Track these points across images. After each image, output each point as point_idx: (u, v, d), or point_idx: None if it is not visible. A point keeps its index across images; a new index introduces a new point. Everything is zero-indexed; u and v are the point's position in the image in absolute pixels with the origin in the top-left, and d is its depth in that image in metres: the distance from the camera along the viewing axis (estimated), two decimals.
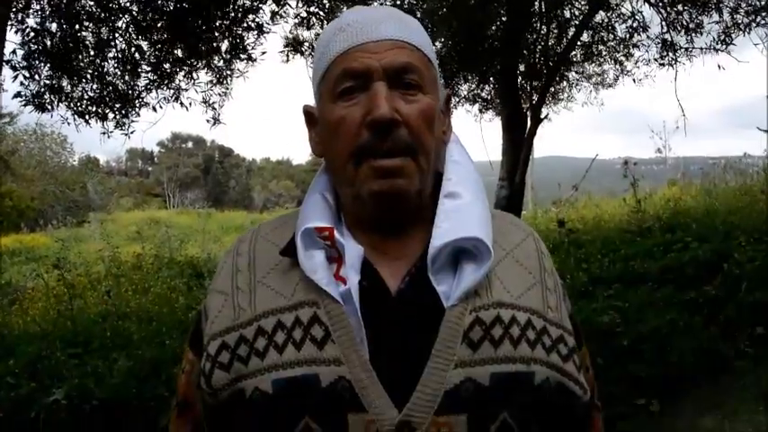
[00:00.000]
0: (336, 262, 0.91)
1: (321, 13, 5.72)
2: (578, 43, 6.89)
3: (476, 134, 8.35)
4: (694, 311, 5.24)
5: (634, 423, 3.96)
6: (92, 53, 5.03)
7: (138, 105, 5.30)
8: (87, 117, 5.05)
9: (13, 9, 4.65)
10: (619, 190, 12.17)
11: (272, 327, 0.89)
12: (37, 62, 4.69)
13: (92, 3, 4.99)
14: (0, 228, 18.19)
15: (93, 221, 23.41)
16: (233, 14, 5.22)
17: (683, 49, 6.49)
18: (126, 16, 5.12)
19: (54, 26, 4.82)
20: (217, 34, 5.36)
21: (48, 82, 4.78)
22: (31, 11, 4.76)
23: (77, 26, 4.95)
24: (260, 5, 5.19)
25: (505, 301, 0.90)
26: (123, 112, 5.22)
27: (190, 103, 5.50)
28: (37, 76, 4.72)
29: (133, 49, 5.09)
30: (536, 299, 0.94)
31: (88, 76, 5.05)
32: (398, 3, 6.50)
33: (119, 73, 5.18)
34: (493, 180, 7.17)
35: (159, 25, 5.12)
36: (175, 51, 5.28)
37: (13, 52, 4.69)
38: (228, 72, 5.49)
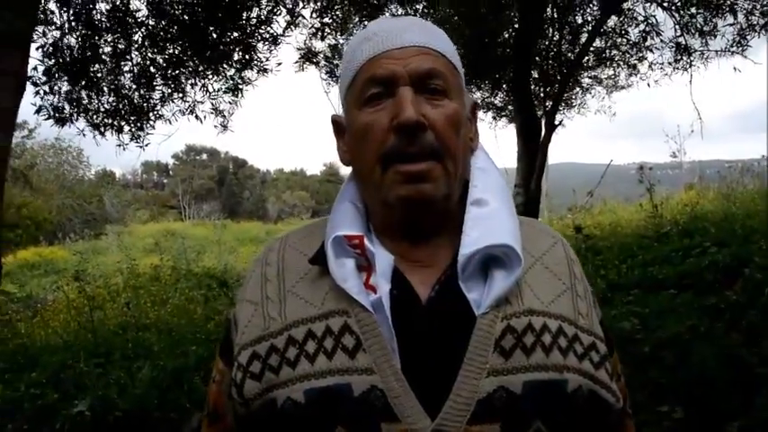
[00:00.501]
0: (366, 270, 0.92)
1: (334, 23, 5.76)
2: (591, 48, 6.88)
3: (490, 141, 8.36)
4: (715, 317, 5.17)
5: (658, 431, 3.91)
6: (108, 66, 5.10)
7: (152, 118, 5.36)
8: (103, 129, 5.11)
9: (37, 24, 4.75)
10: (634, 195, 12.11)
11: (303, 336, 0.89)
12: (56, 76, 4.76)
13: (108, 16, 5.06)
14: (19, 241, 18.39)
15: (110, 234, 23.64)
16: (247, 25, 5.27)
17: (698, 53, 6.46)
18: (142, 30, 5.18)
19: (72, 40, 4.89)
20: (231, 45, 5.41)
21: (66, 96, 4.85)
22: (51, 26, 4.84)
23: (95, 38, 5.02)
24: (274, 17, 5.24)
25: (536, 309, 0.90)
26: (138, 124, 5.28)
27: (204, 116, 5.55)
28: (56, 90, 4.79)
29: (148, 62, 5.15)
30: (567, 306, 0.94)
31: (104, 88, 5.12)
32: (410, 12, 6.53)
33: (134, 86, 5.24)
34: (508, 187, 7.15)
35: (174, 37, 5.18)
36: (189, 63, 5.34)
37: (35, 68, 4.79)
38: (240, 81, 5.53)
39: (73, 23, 4.93)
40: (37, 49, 4.68)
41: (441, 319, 0.89)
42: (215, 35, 5.30)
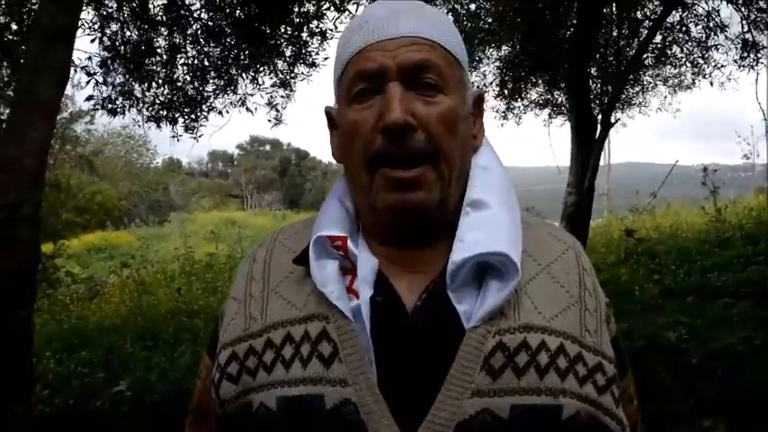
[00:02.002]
0: (350, 274, 0.86)
1: None
2: (652, 45, 6.62)
3: (543, 139, 8.18)
4: None
5: None
6: (163, 59, 5.24)
7: (205, 110, 5.47)
8: (158, 121, 5.26)
9: (95, 16, 4.94)
10: (701, 197, 11.63)
11: (281, 340, 0.85)
12: (111, 68, 4.93)
13: (165, 10, 5.20)
14: (87, 224, 19.21)
15: (173, 221, 24.38)
16: (297, 20, 5.31)
17: (766, 49, 6.12)
18: (196, 24, 5.30)
19: (128, 33, 5.06)
20: (282, 40, 5.47)
21: (120, 87, 5.01)
22: (109, 20, 5.01)
23: (151, 32, 5.17)
24: (324, 12, 5.26)
25: (535, 324, 0.82)
26: (192, 116, 5.41)
27: (255, 108, 5.64)
28: (110, 81, 4.96)
29: (202, 55, 5.26)
30: (572, 321, 0.84)
31: (159, 81, 5.26)
32: (459, 7, 6.46)
33: (188, 78, 5.37)
34: (561, 187, 7.00)
35: (227, 31, 5.28)
36: (241, 57, 5.43)
37: (89, 58, 4.97)
38: (291, 76, 5.58)
39: (130, 17, 5.08)
40: (92, 41, 4.86)
41: (425, 330, 0.82)
42: (267, 30, 5.37)
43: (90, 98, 4.93)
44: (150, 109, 5.29)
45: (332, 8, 5.20)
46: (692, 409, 3.97)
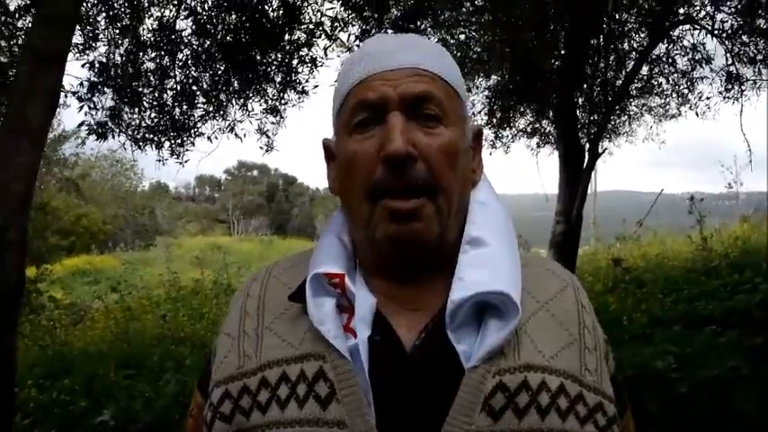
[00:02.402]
0: (348, 312, 0.84)
1: None
2: (638, 76, 6.72)
3: (531, 168, 8.23)
4: (762, 358, 4.93)
5: None
6: (152, 82, 5.24)
7: (193, 135, 5.46)
8: (143, 144, 5.24)
9: (82, 40, 4.94)
10: (686, 226, 11.72)
11: (277, 379, 0.83)
12: (101, 92, 4.92)
13: (154, 33, 5.22)
14: (72, 248, 19.01)
15: (159, 245, 24.20)
16: (288, 48, 5.34)
17: (750, 81, 6.24)
18: (186, 49, 5.32)
19: (117, 57, 5.06)
20: (272, 67, 5.49)
21: (109, 112, 5.00)
22: (97, 42, 5.01)
23: (140, 55, 5.17)
24: (314, 40, 5.29)
25: (535, 364, 0.81)
26: (179, 141, 5.40)
27: (244, 135, 5.64)
28: (100, 106, 4.96)
29: (191, 80, 5.27)
30: (572, 360, 0.83)
31: (146, 105, 5.26)
32: (447, 37, 6.52)
33: (175, 103, 5.37)
34: (549, 215, 7.03)
35: (217, 57, 5.29)
36: (231, 82, 5.45)
37: (81, 84, 4.96)
38: (282, 103, 5.60)
39: (119, 40, 5.08)
40: (83, 65, 4.86)
41: (425, 370, 0.81)
42: (257, 56, 5.40)
43: (81, 125, 4.91)
44: (137, 132, 5.27)
45: (323, 36, 5.24)
46: None
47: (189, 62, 5.23)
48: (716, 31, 5.99)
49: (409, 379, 0.80)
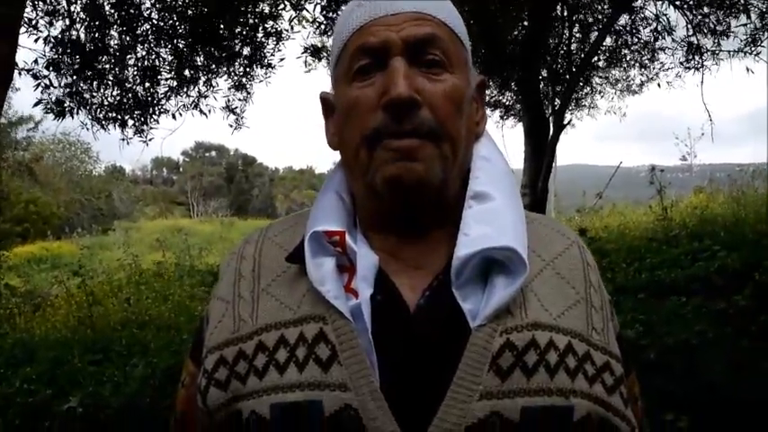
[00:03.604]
0: (348, 271, 0.81)
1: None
2: (602, 48, 6.78)
3: (497, 141, 8.26)
4: (724, 323, 5.07)
5: None
6: (113, 59, 5.04)
7: (157, 112, 5.29)
8: (106, 123, 5.05)
9: (40, 15, 4.70)
10: (643, 198, 12.00)
11: (274, 342, 0.79)
12: (59, 69, 4.70)
13: (115, 7, 5.01)
14: (27, 235, 18.47)
15: (117, 229, 23.71)
16: (252, 21, 5.19)
17: (710, 53, 6.34)
18: (147, 24, 5.12)
19: (76, 33, 4.84)
20: (237, 41, 5.34)
21: (69, 89, 4.79)
22: (57, 17, 4.78)
23: (102, 31, 4.96)
24: (279, 12, 5.16)
25: (543, 322, 0.78)
26: (142, 119, 5.22)
27: (210, 111, 5.49)
28: (57, 83, 4.74)
29: (153, 55, 5.09)
30: (579, 319, 0.81)
31: (108, 82, 5.05)
32: None
33: (138, 80, 5.18)
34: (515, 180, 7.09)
35: (180, 32, 5.12)
36: (195, 58, 5.28)
37: (35, 61, 4.73)
38: (248, 78, 5.46)
39: (79, 15, 4.86)
40: (36, 40, 4.63)
41: (429, 330, 0.78)
42: (221, 30, 5.23)
43: (38, 103, 4.68)
44: (99, 111, 5.07)
45: (288, 7, 5.11)
46: (653, 404, 4.05)
47: (150, 37, 5.03)
48: (677, 2, 6.06)
49: (414, 340, 0.77)
